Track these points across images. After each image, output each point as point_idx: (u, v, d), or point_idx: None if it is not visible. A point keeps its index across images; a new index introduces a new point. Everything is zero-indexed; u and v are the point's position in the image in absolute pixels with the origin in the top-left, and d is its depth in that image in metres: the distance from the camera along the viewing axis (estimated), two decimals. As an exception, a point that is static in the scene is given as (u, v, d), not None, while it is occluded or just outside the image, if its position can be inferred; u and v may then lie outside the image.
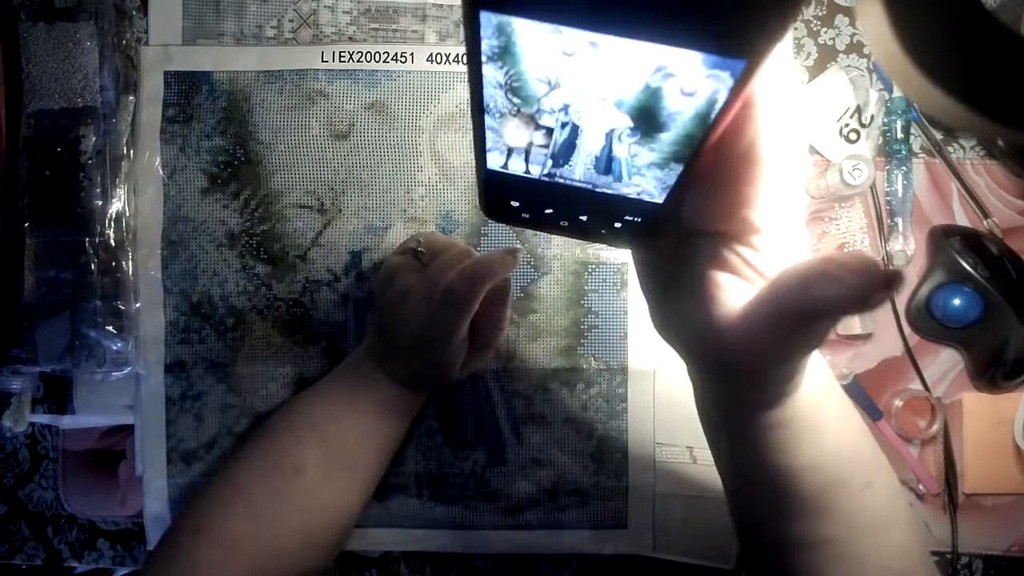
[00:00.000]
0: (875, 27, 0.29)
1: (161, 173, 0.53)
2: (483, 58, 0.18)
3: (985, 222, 0.53)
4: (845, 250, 0.53)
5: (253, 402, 0.54)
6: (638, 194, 0.23)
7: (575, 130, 0.20)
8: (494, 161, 0.23)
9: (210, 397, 0.54)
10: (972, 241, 0.52)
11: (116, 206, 0.52)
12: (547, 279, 0.53)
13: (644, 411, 0.53)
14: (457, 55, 0.53)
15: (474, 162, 0.24)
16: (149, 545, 0.54)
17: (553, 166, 0.22)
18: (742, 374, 0.27)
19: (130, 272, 0.53)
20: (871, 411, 0.53)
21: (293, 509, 0.44)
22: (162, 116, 0.53)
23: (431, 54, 0.53)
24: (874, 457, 0.33)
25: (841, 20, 0.54)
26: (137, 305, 0.53)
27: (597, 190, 0.23)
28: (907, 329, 0.54)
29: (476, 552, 0.55)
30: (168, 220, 0.53)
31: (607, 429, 0.53)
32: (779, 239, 0.24)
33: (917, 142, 0.54)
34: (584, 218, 0.25)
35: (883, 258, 0.53)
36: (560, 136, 0.21)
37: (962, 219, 0.54)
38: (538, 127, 0.21)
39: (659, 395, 0.53)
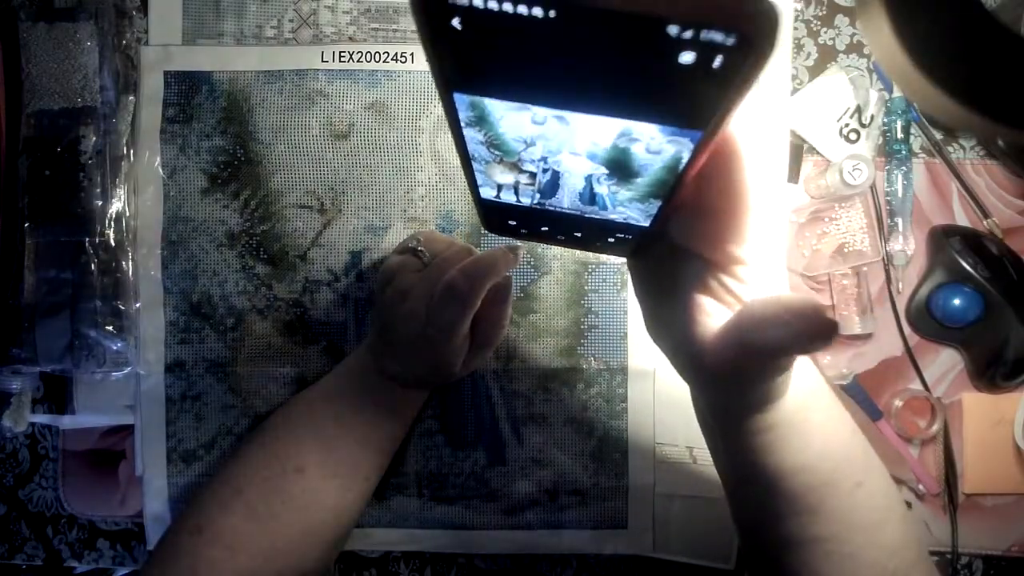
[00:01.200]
0: (875, 27, 0.29)
1: (161, 173, 0.53)
2: (462, 124, 0.20)
3: (985, 222, 0.53)
4: (845, 250, 0.53)
5: (253, 402, 0.54)
6: (624, 219, 0.25)
7: (556, 174, 0.22)
8: (486, 193, 0.25)
9: (210, 397, 0.53)
10: (972, 241, 0.52)
11: (116, 206, 0.52)
12: (547, 279, 0.53)
13: (644, 411, 0.53)
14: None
15: (468, 187, 0.25)
16: (149, 545, 0.54)
17: (541, 198, 0.24)
18: (722, 386, 0.30)
19: (130, 272, 0.53)
20: (871, 411, 0.53)
21: (293, 509, 0.44)
22: (162, 116, 0.53)
23: (431, 54, 0.53)
24: (865, 457, 0.34)
25: (841, 20, 0.54)
26: (137, 305, 0.53)
27: (586, 216, 0.25)
28: (907, 329, 0.54)
29: (476, 552, 0.55)
30: (168, 220, 0.53)
31: (607, 429, 0.53)
32: (762, 272, 0.27)
33: (917, 142, 0.54)
34: (579, 234, 0.27)
35: (883, 258, 0.53)
36: (543, 178, 0.23)
37: (962, 219, 0.54)
38: (521, 171, 0.22)
39: (659, 395, 0.53)
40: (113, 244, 0.52)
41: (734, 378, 0.28)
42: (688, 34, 0.14)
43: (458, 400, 0.54)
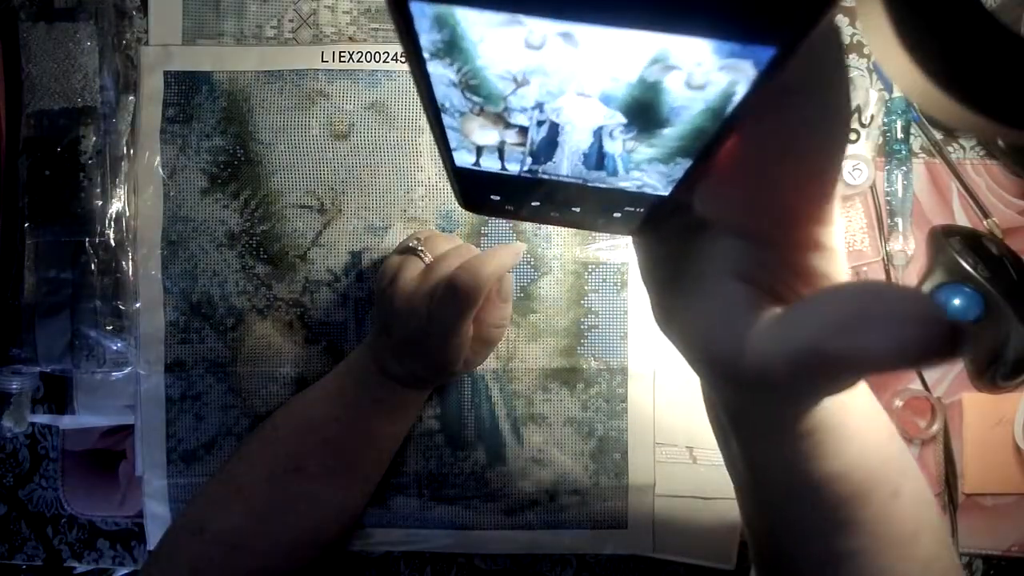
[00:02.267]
0: (875, 27, 0.29)
1: (161, 173, 0.53)
2: (425, 55, 0.14)
3: (985, 222, 0.53)
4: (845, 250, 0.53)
5: (253, 402, 0.54)
6: (639, 187, 0.19)
7: (555, 127, 0.16)
8: (463, 159, 0.19)
9: (210, 397, 0.53)
10: (972, 241, 0.52)
11: (116, 206, 0.52)
12: (547, 279, 0.53)
13: (644, 411, 0.53)
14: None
15: (439, 156, 0.19)
16: (149, 545, 0.54)
17: (533, 163, 0.18)
18: (760, 393, 0.23)
19: (130, 272, 0.53)
20: (871, 411, 0.53)
21: (294, 508, 0.44)
22: (162, 116, 0.53)
23: (431, 54, 0.53)
24: (903, 461, 0.28)
25: (841, 20, 0.54)
26: (137, 305, 0.53)
27: (589, 184, 0.19)
28: (907, 329, 0.54)
29: (476, 552, 0.55)
30: (168, 220, 0.53)
31: (607, 429, 0.53)
32: (842, 260, 0.19)
33: (917, 142, 0.54)
34: (577, 209, 0.21)
35: (883, 258, 0.53)
36: (537, 135, 0.17)
37: (962, 219, 0.54)
38: (508, 125, 0.17)
39: (659, 395, 0.53)
40: (113, 244, 0.52)
41: (784, 388, 0.21)
42: None
43: (458, 400, 0.54)
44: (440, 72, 0.15)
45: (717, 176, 0.18)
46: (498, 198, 0.21)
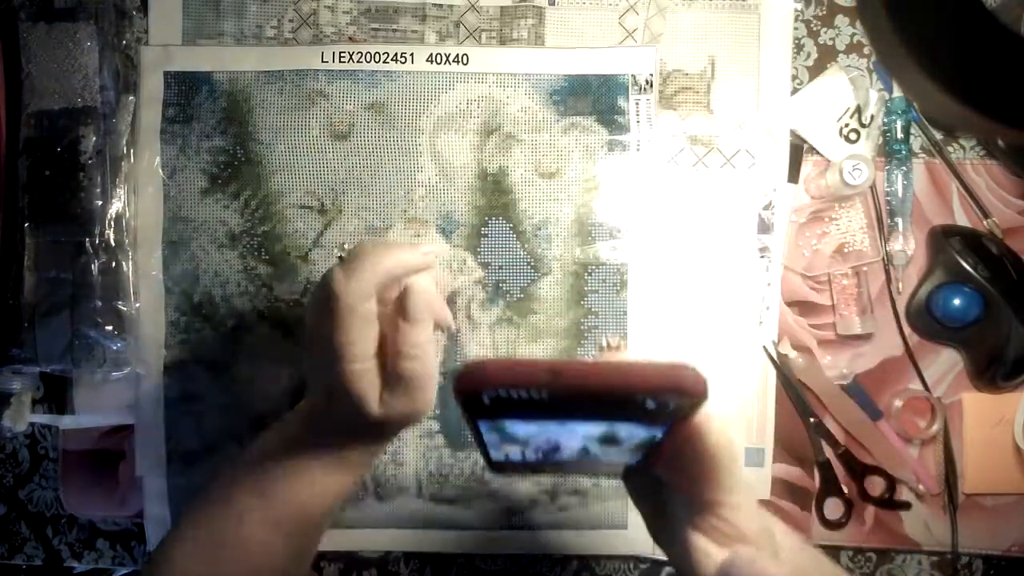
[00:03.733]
0: (875, 27, 0.29)
1: (161, 173, 0.53)
2: (483, 434, 0.27)
3: (985, 222, 0.53)
4: (845, 250, 0.53)
5: (253, 403, 0.54)
6: (615, 460, 0.31)
7: (556, 443, 0.28)
8: (496, 456, 0.30)
9: (210, 398, 0.53)
10: (972, 241, 0.52)
11: (116, 206, 0.52)
12: (547, 280, 0.53)
13: (644, 411, 0.53)
14: (457, 55, 0.53)
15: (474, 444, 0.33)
16: (149, 545, 0.54)
17: (543, 460, 0.30)
18: None
19: (130, 272, 0.53)
20: (871, 411, 0.53)
21: (240, 554, 0.39)
22: (162, 116, 0.53)
23: (431, 54, 0.53)
24: None
25: (841, 20, 0.54)
26: (137, 305, 0.53)
27: (583, 460, 0.30)
28: (907, 329, 0.54)
29: (476, 552, 0.55)
30: (169, 221, 0.53)
31: (607, 429, 0.53)
32: (745, 510, 0.32)
33: (917, 142, 0.54)
34: (575, 468, 0.35)
35: (883, 258, 0.53)
36: (544, 447, 0.29)
37: (962, 219, 0.54)
38: (527, 445, 0.28)
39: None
40: (113, 244, 0.52)
41: None
42: (652, 403, 0.23)
43: (458, 400, 0.54)
44: (491, 437, 0.28)
45: (662, 461, 0.31)
46: (520, 464, 0.32)
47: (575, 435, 0.27)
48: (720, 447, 0.30)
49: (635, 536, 0.53)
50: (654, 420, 0.25)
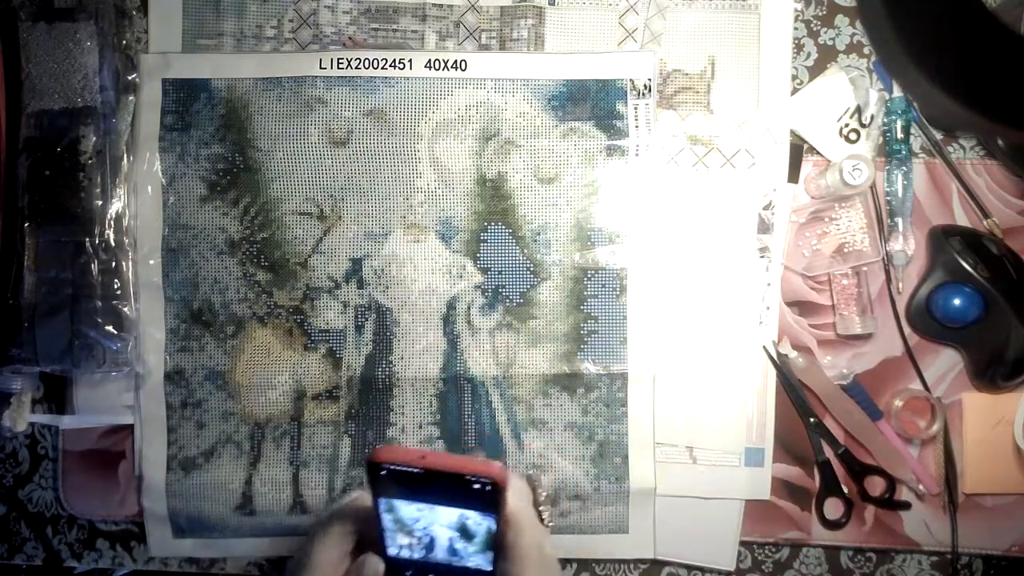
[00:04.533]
0: (875, 27, 0.29)
1: (161, 180, 0.53)
2: (381, 513, 0.34)
3: (985, 222, 0.53)
4: (845, 250, 0.53)
5: (253, 409, 0.54)
6: (477, 566, 0.36)
7: (432, 538, 0.35)
8: (391, 551, 0.36)
9: (210, 404, 0.54)
10: (972, 241, 0.52)
11: (116, 206, 0.52)
12: (546, 285, 0.53)
13: (644, 415, 0.53)
14: (455, 61, 0.53)
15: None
16: (149, 546, 0.54)
17: (426, 553, 0.36)
18: None
19: (130, 273, 0.53)
20: (871, 411, 0.53)
21: None
22: (160, 124, 0.53)
23: (429, 60, 0.53)
24: None
25: (841, 20, 0.54)
26: (137, 306, 0.53)
27: (454, 565, 0.36)
28: (907, 329, 0.54)
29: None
30: (168, 228, 0.53)
31: (607, 433, 0.53)
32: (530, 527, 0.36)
33: (917, 142, 0.54)
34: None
35: (883, 258, 0.53)
36: (424, 539, 0.35)
37: (962, 219, 0.54)
38: (412, 535, 0.35)
39: (659, 399, 0.53)
40: (113, 244, 0.52)
41: None
42: (477, 485, 0.31)
43: (458, 406, 0.54)
44: (387, 519, 0.34)
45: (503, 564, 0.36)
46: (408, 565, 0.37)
47: (441, 525, 0.34)
48: (531, 547, 0.34)
49: (637, 540, 0.53)
50: (483, 501, 0.32)
